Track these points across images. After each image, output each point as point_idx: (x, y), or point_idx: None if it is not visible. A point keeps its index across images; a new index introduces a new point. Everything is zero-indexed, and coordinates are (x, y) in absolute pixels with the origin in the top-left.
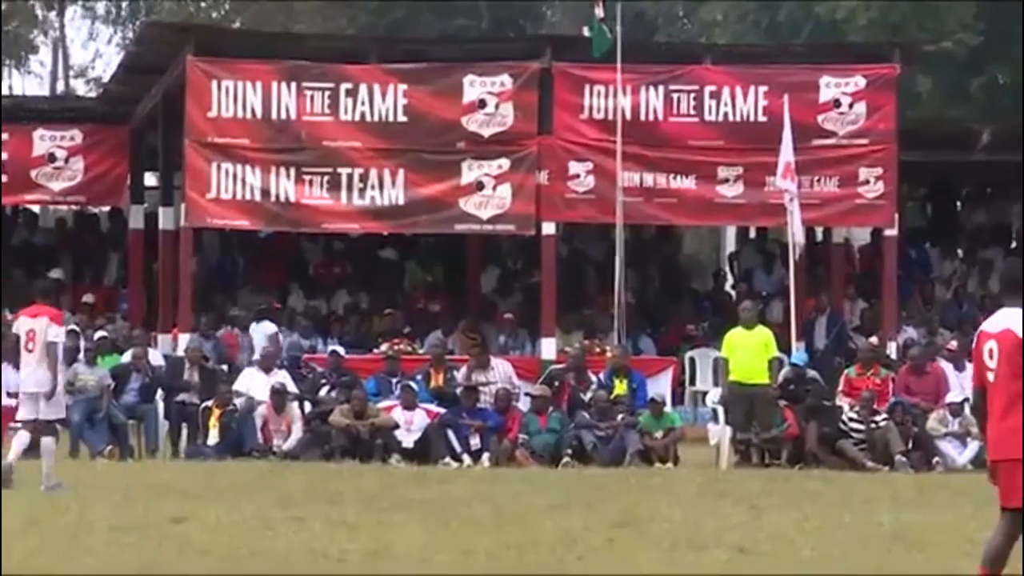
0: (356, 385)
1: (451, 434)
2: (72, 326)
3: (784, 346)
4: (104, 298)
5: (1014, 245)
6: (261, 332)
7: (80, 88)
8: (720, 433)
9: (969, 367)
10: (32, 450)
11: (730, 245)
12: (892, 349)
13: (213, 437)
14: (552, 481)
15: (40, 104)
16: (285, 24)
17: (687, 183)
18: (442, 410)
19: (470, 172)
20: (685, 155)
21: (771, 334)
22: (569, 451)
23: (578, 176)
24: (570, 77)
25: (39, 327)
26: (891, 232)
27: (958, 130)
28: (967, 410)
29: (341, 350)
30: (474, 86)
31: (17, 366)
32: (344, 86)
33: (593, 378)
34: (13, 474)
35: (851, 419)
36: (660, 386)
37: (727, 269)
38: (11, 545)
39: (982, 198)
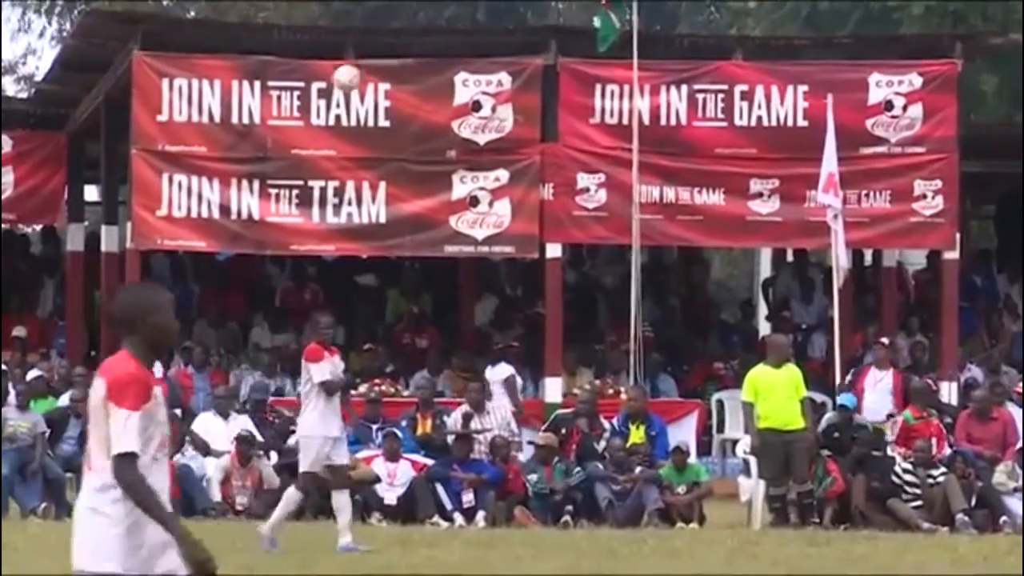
0: None
1: (440, 489)
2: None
3: (827, 387)
4: (37, 332)
5: None
6: (498, 375)
7: (9, 88)
8: (753, 488)
9: None
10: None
11: (765, 270)
12: (953, 390)
13: None
14: (558, 544)
15: None
16: (247, 13)
17: (714, 198)
18: (430, 461)
19: (462, 185)
20: (712, 165)
21: (799, 371)
22: (571, 507)
23: (588, 190)
24: (578, 75)
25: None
26: (951, 255)
27: None
28: None
29: None
30: (467, 85)
31: None
32: (316, 85)
33: (606, 424)
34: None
35: (905, 471)
36: (683, 433)
37: (761, 298)
38: None
39: None
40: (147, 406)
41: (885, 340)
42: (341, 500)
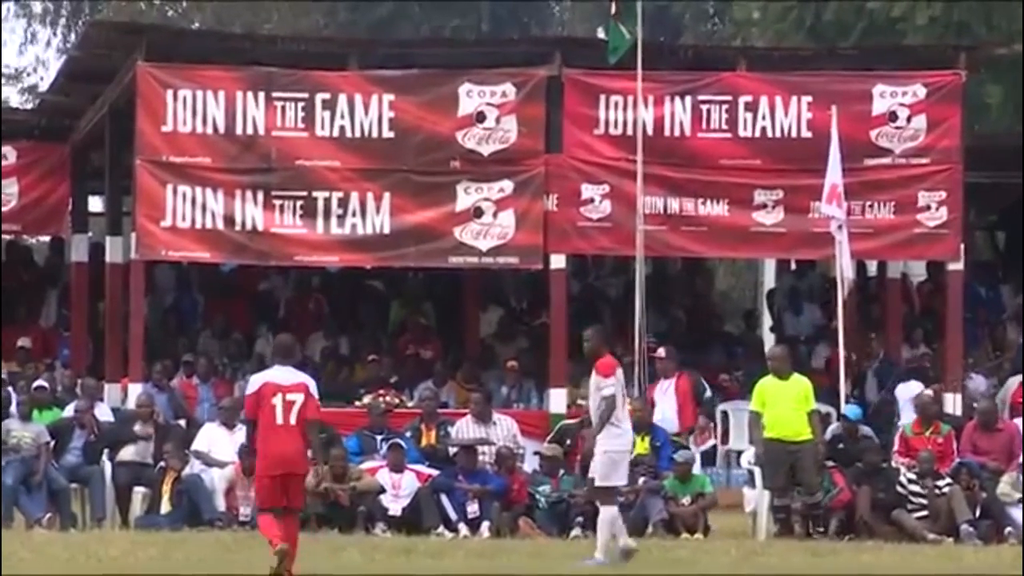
0: (335, 443)
1: (445, 500)
2: None
3: (830, 398)
4: (41, 342)
5: None
6: (908, 391)
7: (14, 99)
8: (757, 499)
9: None
10: None
11: (769, 281)
12: (957, 401)
13: (166, 505)
14: (562, 554)
15: None
16: (252, 24)
17: (718, 209)
18: (435, 472)
19: (467, 196)
20: (716, 176)
21: (809, 384)
22: (580, 518)
23: (592, 201)
24: (582, 86)
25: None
26: (956, 266)
27: None
28: None
29: None
30: (471, 96)
31: None
32: (320, 96)
33: None
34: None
35: (910, 481)
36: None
37: (764, 309)
38: None
39: None
40: None
41: (661, 352)
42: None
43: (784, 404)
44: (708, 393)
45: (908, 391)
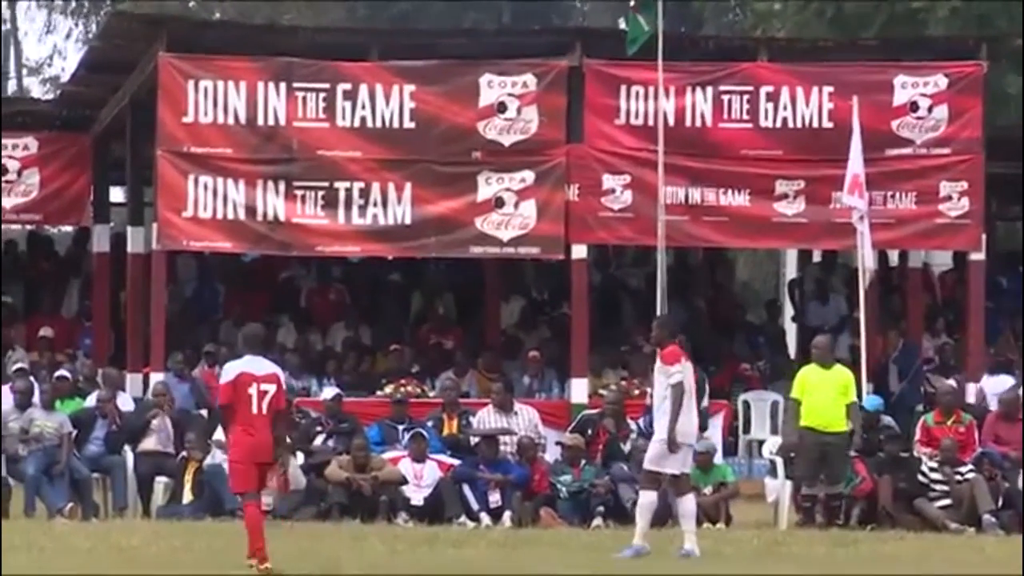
0: (357, 433)
1: (467, 489)
2: (20, 364)
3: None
4: (63, 332)
5: None
6: (999, 386)
7: (35, 89)
8: (779, 489)
9: None
10: None
11: (790, 271)
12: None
13: (188, 495)
14: (584, 544)
15: None
16: (272, 15)
17: (740, 199)
18: (456, 462)
19: (488, 187)
20: (737, 167)
21: (851, 376)
22: (602, 508)
23: (613, 191)
24: (604, 77)
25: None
26: (977, 256)
27: None
28: None
29: (338, 391)
30: (492, 87)
31: None
32: (341, 87)
33: (632, 425)
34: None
35: (931, 470)
36: (709, 434)
37: (787, 298)
38: None
39: None
40: None
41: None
42: (686, 506)
43: (824, 393)
44: (706, 402)
45: (998, 385)
